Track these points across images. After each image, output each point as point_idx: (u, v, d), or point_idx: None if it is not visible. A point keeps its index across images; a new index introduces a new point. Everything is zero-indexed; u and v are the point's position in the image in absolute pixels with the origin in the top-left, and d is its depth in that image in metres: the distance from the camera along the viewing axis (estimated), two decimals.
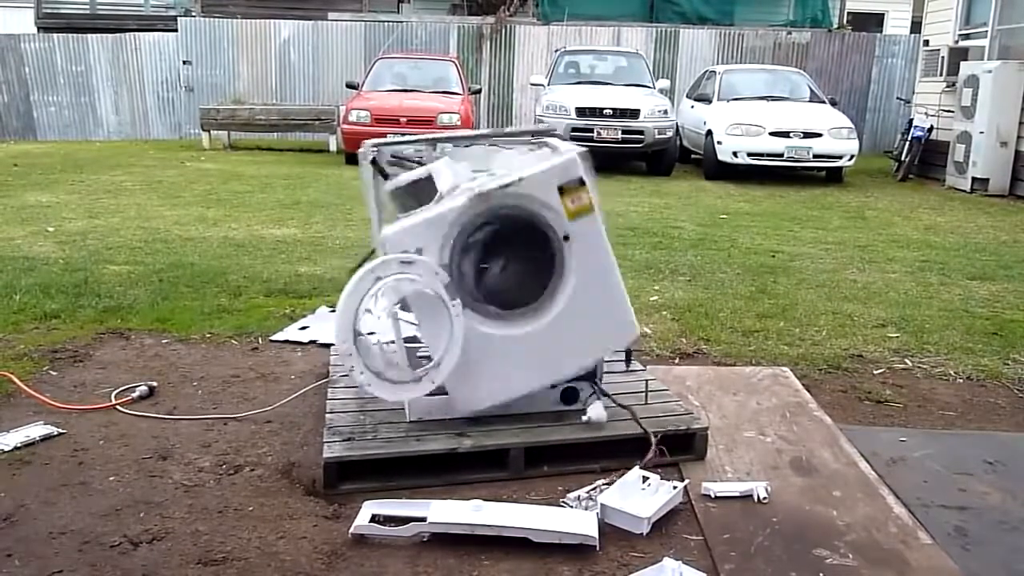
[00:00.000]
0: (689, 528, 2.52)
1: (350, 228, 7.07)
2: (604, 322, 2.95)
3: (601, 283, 2.91)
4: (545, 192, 2.78)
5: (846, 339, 4.40)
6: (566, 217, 2.80)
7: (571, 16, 16.50)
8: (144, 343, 4.07)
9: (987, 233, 7.88)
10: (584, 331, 2.90)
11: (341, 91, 14.02)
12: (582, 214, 2.81)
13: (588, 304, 2.88)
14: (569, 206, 2.79)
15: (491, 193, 2.74)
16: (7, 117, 16.18)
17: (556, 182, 2.78)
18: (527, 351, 2.86)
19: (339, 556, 2.32)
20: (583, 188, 2.80)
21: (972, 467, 2.99)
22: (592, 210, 2.83)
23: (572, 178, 2.79)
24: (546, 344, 2.87)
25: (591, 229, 2.85)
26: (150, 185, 9.49)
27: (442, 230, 2.72)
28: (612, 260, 2.94)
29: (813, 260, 6.36)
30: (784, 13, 18.29)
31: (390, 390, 2.72)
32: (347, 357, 2.65)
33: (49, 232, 6.62)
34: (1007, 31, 11.05)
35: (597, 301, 2.90)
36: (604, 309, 2.93)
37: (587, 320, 2.89)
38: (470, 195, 2.73)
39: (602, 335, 2.97)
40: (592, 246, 2.86)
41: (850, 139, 11.26)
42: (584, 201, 2.81)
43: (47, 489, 2.65)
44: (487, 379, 2.85)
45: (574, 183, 2.79)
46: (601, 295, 2.91)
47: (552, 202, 2.78)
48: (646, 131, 11.46)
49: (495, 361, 2.83)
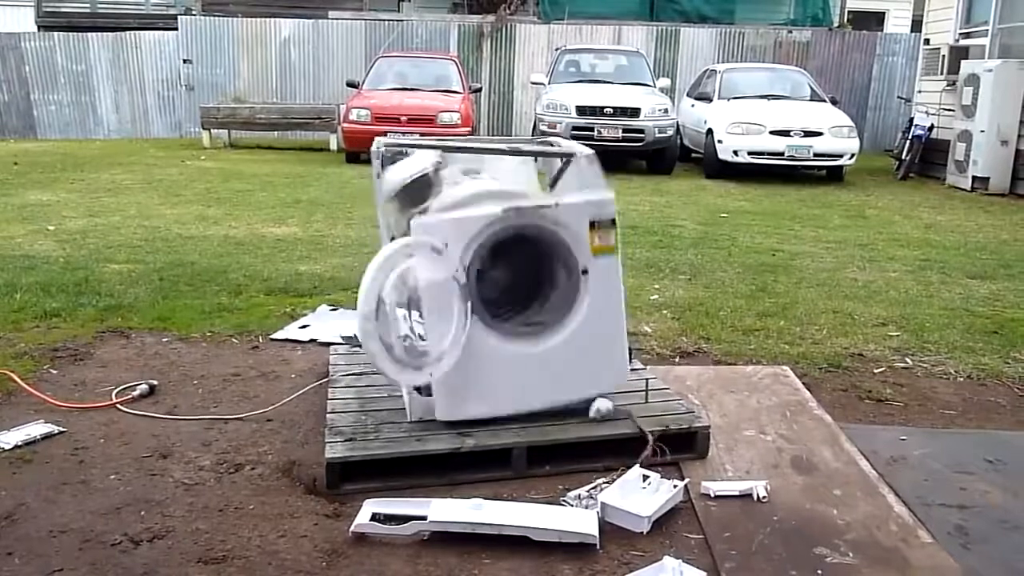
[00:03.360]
0: (690, 527, 2.52)
1: (350, 227, 7.07)
2: (600, 362, 2.96)
3: (606, 324, 2.93)
4: (578, 222, 2.83)
5: (846, 338, 4.40)
6: (590, 252, 2.84)
7: (572, 15, 16.49)
8: (144, 342, 4.07)
9: (987, 232, 7.87)
10: (578, 367, 2.91)
11: (341, 90, 14.01)
12: (604, 253, 2.86)
13: (589, 341, 2.90)
14: (596, 242, 2.85)
15: (526, 210, 2.78)
16: (7, 116, 16.17)
17: (590, 216, 2.84)
18: (519, 371, 2.86)
19: (339, 554, 2.33)
20: (612, 228, 2.87)
21: (972, 466, 2.99)
22: (615, 252, 2.88)
23: (606, 217, 2.86)
24: (538, 369, 2.88)
25: (609, 269, 2.89)
26: (150, 184, 9.49)
27: (470, 232, 2.74)
28: (622, 306, 2.96)
29: (813, 259, 6.36)
30: (785, 12, 18.29)
31: (393, 368, 2.70)
32: (367, 321, 2.63)
33: (49, 231, 6.62)
34: (1008, 30, 11.04)
35: (598, 340, 2.93)
36: (603, 349, 2.95)
37: (584, 356, 2.91)
38: (506, 207, 2.76)
39: (595, 374, 2.97)
40: (607, 286, 2.90)
41: (851, 138, 11.26)
42: (610, 241, 2.88)
43: (47, 487, 2.65)
44: (474, 389, 2.83)
45: (606, 222, 2.86)
46: (603, 335, 2.94)
47: (582, 234, 2.83)
48: (647, 130, 11.46)
49: (486, 374, 2.82)
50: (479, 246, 2.75)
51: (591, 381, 2.97)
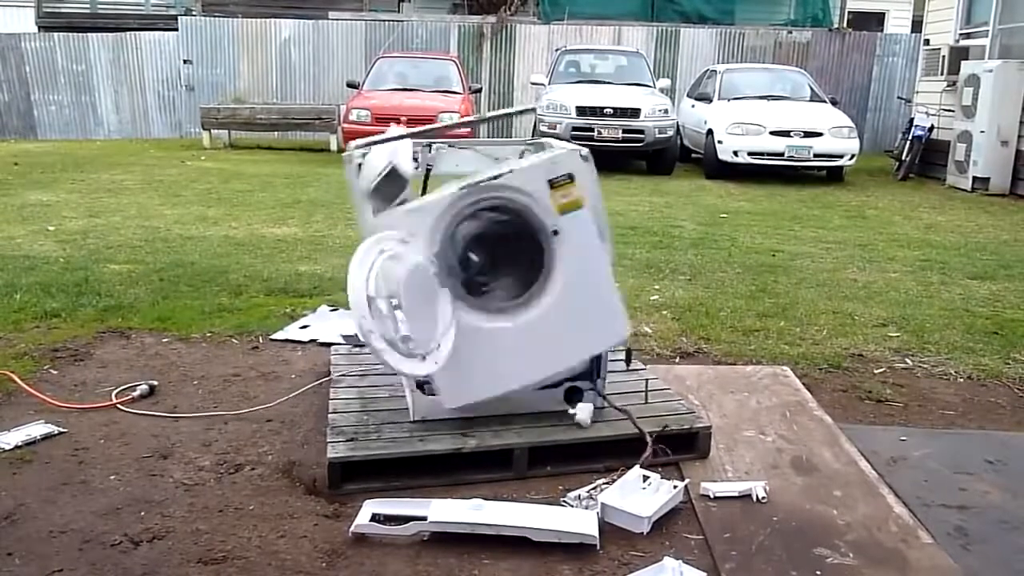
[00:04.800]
0: (689, 527, 2.52)
1: (350, 227, 7.06)
2: (594, 320, 2.90)
3: (591, 280, 2.88)
4: (534, 185, 2.78)
5: (846, 338, 4.40)
6: (555, 212, 2.79)
7: (572, 15, 16.50)
8: (144, 342, 4.07)
9: (988, 232, 7.87)
10: (573, 328, 2.87)
11: (342, 90, 14.02)
12: (571, 209, 2.80)
13: (577, 301, 2.85)
14: (560, 200, 2.79)
15: (481, 185, 2.75)
16: (8, 116, 16.18)
17: (545, 176, 2.78)
18: (514, 345, 2.83)
19: (339, 555, 2.33)
20: (572, 183, 2.80)
21: (973, 466, 2.99)
22: (582, 206, 2.81)
23: (561, 173, 2.80)
24: (533, 340, 2.84)
25: (581, 224, 2.82)
26: (150, 184, 9.49)
27: (431, 219, 2.72)
28: (604, 257, 2.91)
29: (813, 259, 6.36)
30: (785, 12, 18.30)
31: (401, 361, 2.67)
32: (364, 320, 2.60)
33: (50, 231, 6.62)
34: (1008, 30, 11.04)
35: (586, 298, 2.87)
36: (594, 307, 2.89)
37: (576, 317, 2.86)
38: (460, 186, 2.74)
39: (591, 333, 2.92)
40: (582, 242, 2.83)
41: (851, 138, 11.26)
42: (573, 196, 2.80)
43: (47, 488, 2.65)
44: (475, 372, 2.81)
45: (563, 178, 2.80)
46: (591, 292, 2.88)
47: (541, 196, 2.78)
48: (647, 130, 11.46)
49: (483, 354, 2.80)
50: (445, 230, 2.73)
51: (590, 340, 2.92)
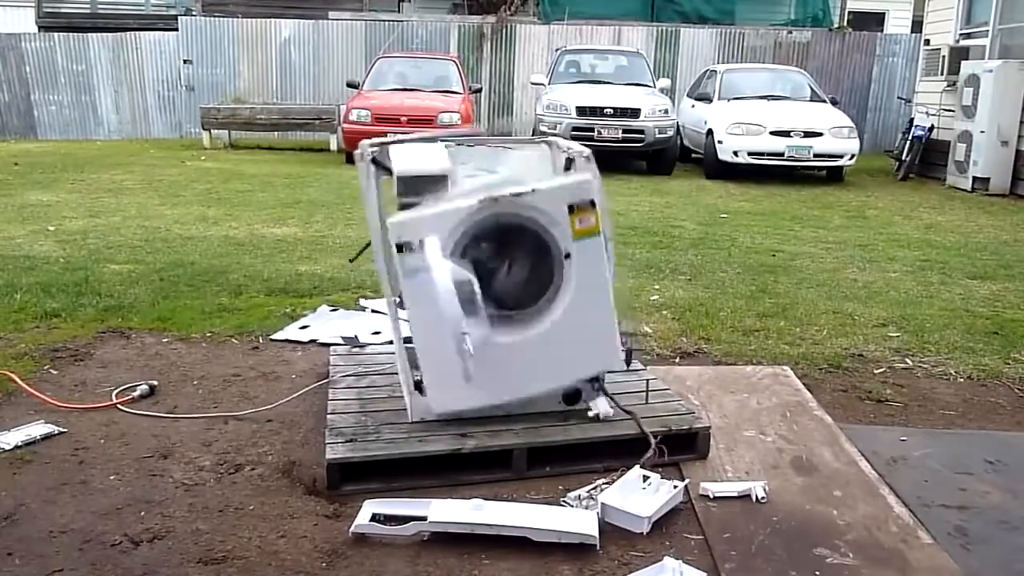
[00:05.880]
0: (690, 527, 2.52)
1: (350, 227, 7.07)
2: (590, 346, 2.93)
3: (593, 307, 2.90)
4: (555, 208, 2.78)
5: (847, 338, 4.40)
6: (571, 236, 2.80)
7: (572, 15, 16.49)
8: (145, 342, 4.07)
9: (988, 232, 7.87)
10: (568, 351, 2.89)
11: (342, 90, 14.01)
12: (587, 235, 2.82)
13: (576, 326, 2.87)
14: (576, 225, 2.80)
15: (502, 199, 2.75)
16: (8, 116, 16.17)
17: (568, 200, 2.79)
18: (508, 361, 2.84)
19: (339, 555, 2.33)
20: (593, 210, 2.81)
21: (973, 466, 2.99)
22: (598, 233, 2.83)
23: (584, 198, 2.80)
24: (528, 357, 2.86)
25: (593, 252, 2.84)
26: (151, 184, 9.48)
27: (448, 226, 2.72)
28: (608, 287, 2.93)
29: (814, 259, 6.36)
30: (785, 12, 18.28)
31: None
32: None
33: (50, 231, 6.62)
34: (1008, 30, 11.04)
35: (586, 325, 2.89)
36: (592, 333, 2.92)
37: (572, 341, 2.88)
38: (481, 197, 2.73)
39: (585, 359, 2.94)
40: (591, 270, 2.86)
41: (851, 138, 11.26)
42: (591, 223, 2.81)
43: (48, 488, 2.65)
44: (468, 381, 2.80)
45: (585, 204, 2.80)
46: (591, 319, 2.90)
47: (560, 219, 2.79)
48: (647, 130, 11.46)
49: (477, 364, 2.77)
50: (459, 239, 2.73)
51: (583, 365, 2.94)
